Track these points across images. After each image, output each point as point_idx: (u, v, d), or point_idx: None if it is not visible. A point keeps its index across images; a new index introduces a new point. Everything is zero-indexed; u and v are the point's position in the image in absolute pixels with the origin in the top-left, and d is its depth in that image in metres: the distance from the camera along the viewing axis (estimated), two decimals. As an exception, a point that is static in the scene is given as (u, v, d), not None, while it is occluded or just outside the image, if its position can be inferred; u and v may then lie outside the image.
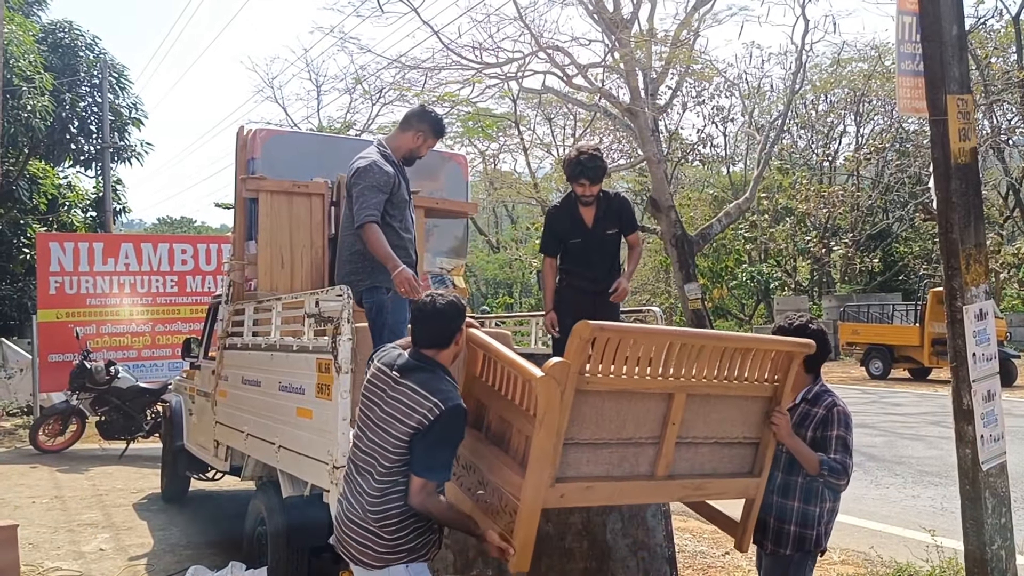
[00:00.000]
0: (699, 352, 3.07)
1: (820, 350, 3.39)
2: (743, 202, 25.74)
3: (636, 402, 3.02)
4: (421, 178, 6.42)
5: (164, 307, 12.04)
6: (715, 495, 3.37)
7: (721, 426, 3.27)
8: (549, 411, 2.79)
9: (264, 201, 5.36)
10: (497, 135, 31.26)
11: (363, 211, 4.09)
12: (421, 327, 2.96)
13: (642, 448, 3.09)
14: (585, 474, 2.99)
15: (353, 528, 2.90)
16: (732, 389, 3.22)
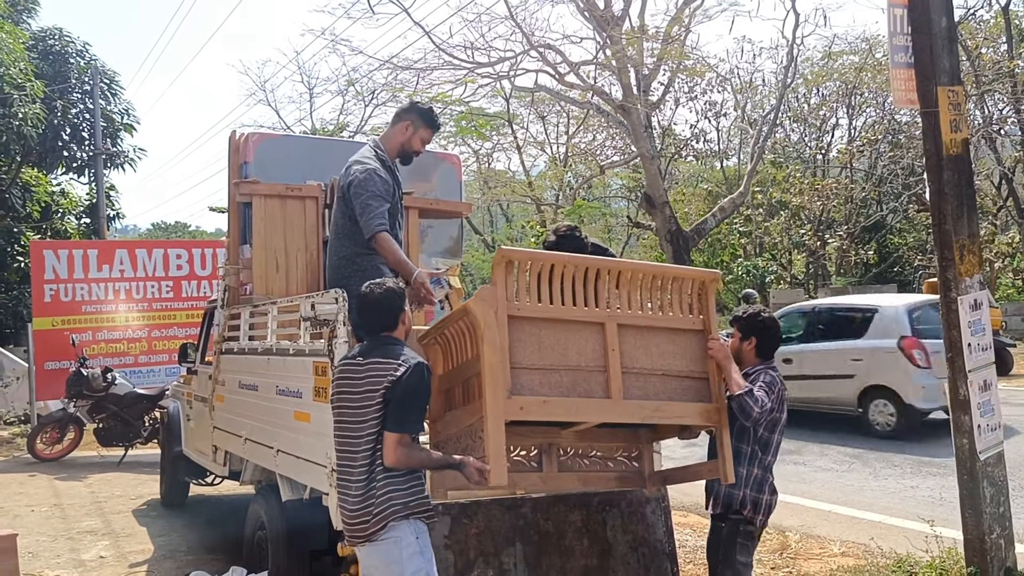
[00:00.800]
0: (617, 277, 3.49)
1: (770, 337, 3.75)
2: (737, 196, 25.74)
3: (572, 331, 3.41)
4: (415, 179, 6.41)
5: (160, 312, 12.01)
6: (675, 418, 3.61)
7: (664, 359, 3.57)
8: (487, 327, 3.20)
9: (258, 205, 5.35)
10: (490, 134, 31.24)
11: (373, 221, 4.09)
12: (369, 316, 3.18)
13: (592, 374, 3.43)
14: (541, 393, 3.31)
15: (353, 513, 3.08)
16: (659, 320, 3.58)
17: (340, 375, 3.20)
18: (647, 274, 3.60)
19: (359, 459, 3.09)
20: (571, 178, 34.21)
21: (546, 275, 3.38)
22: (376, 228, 4.09)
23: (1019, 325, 21.91)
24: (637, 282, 3.54)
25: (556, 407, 3.34)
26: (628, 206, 38.31)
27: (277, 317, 4.77)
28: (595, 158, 31.53)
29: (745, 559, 3.66)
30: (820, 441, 9.84)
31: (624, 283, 3.51)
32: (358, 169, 4.18)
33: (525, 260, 3.41)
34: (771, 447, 3.67)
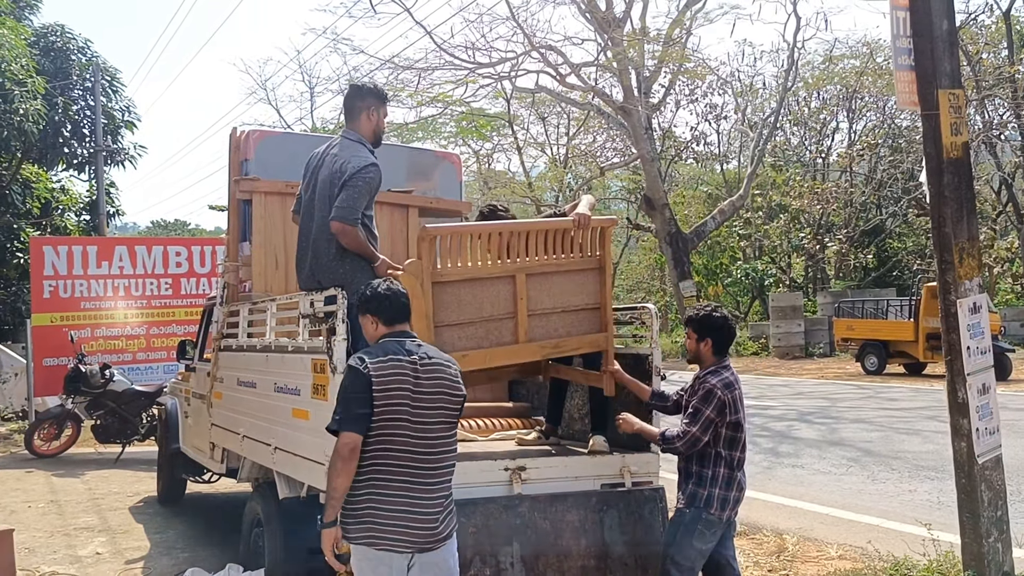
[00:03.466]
0: (526, 237, 4.08)
1: (725, 336, 3.84)
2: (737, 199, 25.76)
3: (487, 287, 4.05)
4: (415, 177, 6.41)
5: (159, 310, 12.00)
6: (572, 350, 4.39)
7: (563, 297, 4.24)
8: (414, 297, 3.64)
9: (258, 203, 5.35)
10: (491, 135, 31.24)
11: (353, 211, 4.04)
12: (400, 307, 3.24)
13: (502, 322, 4.08)
14: (461, 347, 3.96)
15: (439, 515, 3.12)
16: (563, 264, 4.22)
17: (412, 374, 3.08)
18: (550, 230, 4.22)
19: (446, 462, 3.14)
20: (571, 179, 34.20)
21: (466, 243, 4.01)
22: (354, 220, 4.04)
23: (1018, 330, 21.93)
24: (543, 237, 4.16)
25: (474, 359, 4.02)
26: (628, 208, 38.32)
27: (276, 314, 4.75)
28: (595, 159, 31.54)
29: (701, 546, 3.75)
30: (818, 444, 9.85)
31: (532, 240, 4.13)
32: (362, 157, 4.11)
33: (445, 234, 4.00)
34: (738, 443, 3.78)
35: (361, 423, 3.00)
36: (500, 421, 5.30)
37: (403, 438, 3.05)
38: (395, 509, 3.01)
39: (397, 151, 7.19)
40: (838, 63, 29.23)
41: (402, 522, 3.00)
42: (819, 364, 21.15)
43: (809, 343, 23.36)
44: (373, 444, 3.03)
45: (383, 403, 3.02)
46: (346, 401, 3.03)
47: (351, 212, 4.05)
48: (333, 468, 3.00)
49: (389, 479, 3.03)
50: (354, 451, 2.99)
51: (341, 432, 3.00)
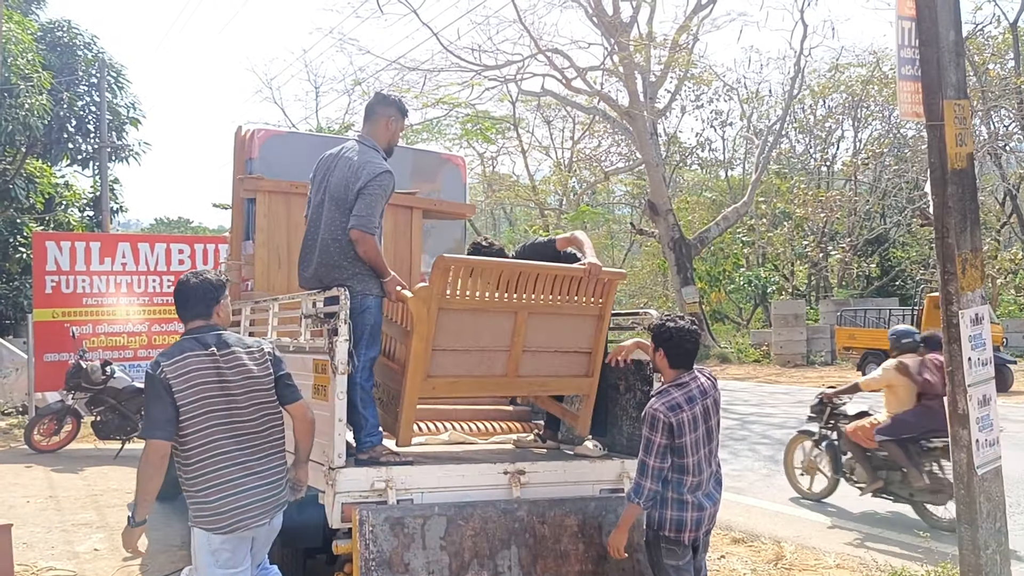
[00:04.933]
0: (535, 279, 4.18)
1: (678, 347, 3.65)
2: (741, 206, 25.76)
3: (489, 319, 4.16)
4: (419, 179, 6.43)
5: (161, 307, 12.02)
6: (557, 390, 4.59)
7: (559, 338, 4.37)
8: (419, 322, 3.93)
9: (261, 201, 5.37)
10: (496, 137, 31.28)
11: (372, 220, 4.08)
12: (194, 303, 3.39)
13: (496, 355, 4.22)
14: (452, 373, 4.12)
15: (277, 489, 3.44)
16: (565, 308, 4.34)
17: (213, 366, 3.27)
18: (560, 275, 4.30)
19: (271, 439, 3.38)
20: (575, 183, 34.24)
21: (478, 276, 4.10)
22: (373, 228, 4.10)
23: (1020, 342, 21.90)
24: (551, 280, 4.26)
25: (463, 386, 4.21)
26: (632, 213, 38.33)
27: (278, 314, 4.77)
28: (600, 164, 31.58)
29: (674, 562, 3.66)
30: (818, 453, 9.82)
31: (540, 281, 4.23)
32: (377, 164, 4.14)
33: (459, 265, 4.07)
34: (688, 467, 3.60)
35: (167, 428, 3.17)
36: (499, 424, 5.31)
37: (222, 426, 3.25)
38: (230, 494, 3.24)
39: (402, 152, 7.19)
40: (844, 71, 29.26)
41: (239, 504, 3.25)
42: (820, 372, 21.13)
43: (811, 351, 23.35)
44: (193, 439, 3.23)
45: (188, 401, 3.21)
46: (149, 407, 3.21)
47: (369, 221, 4.08)
48: (144, 473, 3.18)
49: (219, 467, 3.25)
50: (164, 457, 3.18)
51: (149, 440, 3.18)
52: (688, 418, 3.58)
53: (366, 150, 4.25)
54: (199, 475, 3.23)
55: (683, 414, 3.57)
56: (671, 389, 3.64)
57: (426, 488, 3.97)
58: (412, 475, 3.96)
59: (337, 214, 4.17)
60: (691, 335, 3.68)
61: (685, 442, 3.58)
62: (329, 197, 4.21)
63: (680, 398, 3.60)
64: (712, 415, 3.67)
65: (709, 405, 3.66)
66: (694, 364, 3.76)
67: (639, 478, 3.61)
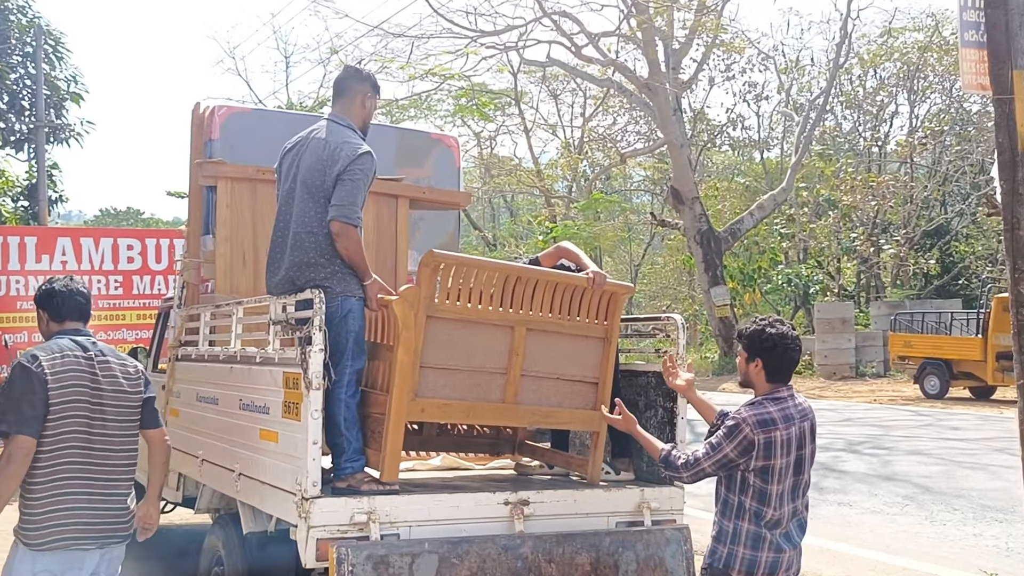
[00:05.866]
0: (534, 286, 4.19)
1: (779, 357, 3.60)
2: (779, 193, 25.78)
3: (483, 333, 4.15)
4: (405, 163, 6.43)
5: (107, 312, 12.02)
6: (562, 424, 4.62)
7: (562, 363, 4.37)
8: (405, 329, 3.92)
9: (223, 189, 5.36)
10: (494, 115, 31.32)
11: (355, 209, 4.10)
12: (74, 305, 3.65)
13: (492, 377, 4.21)
14: (443, 395, 4.09)
15: (122, 512, 3.65)
16: (566, 327, 4.35)
17: (89, 370, 3.51)
18: (568, 284, 4.32)
19: (126, 461, 3.62)
20: (587, 167, 34.27)
21: (469, 278, 4.08)
22: (357, 219, 4.11)
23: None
24: (551, 290, 4.26)
25: (455, 411, 4.21)
26: (652, 201, 38.34)
27: (242, 319, 4.77)
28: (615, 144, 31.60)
29: None
30: (868, 478, 9.84)
31: (539, 291, 4.23)
32: (360, 150, 4.15)
33: (451, 264, 4.07)
34: (770, 497, 3.52)
35: (35, 425, 3.36)
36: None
37: (81, 435, 3.46)
38: (62, 508, 3.42)
39: (385, 132, 7.19)
40: (898, 36, 29.28)
41: (67, 521, 3.42)
42: (871, 385, 21.13)
43: (860, 361, 23.36)
44: (50, 443, 3.40)
45: (60, 401, 3.41)
46: (16, 401, 3.38)
47: (352, 210, 4.08)
48: (5, 472, 3.34)
49: (63, 478, 3.43)
50: (28, 455, 3.35)
51: (14, 435, 3.35)
52: (781, 439, 3.52)
53: (341, 129, 4.25)
54: (41, 482, 3.41)
55: (775, 433, 3.51)
56: (766, 402, 3.58)
57: (414, 521, 3.95)
58: (398, 506, 3.94)
59: (311, 204, 4.16)
60: (796, 344, 3.65)
61: (773, 466, 3.51)
62: (301, 185, 4.20)
63: (776, 414, 3.54)
64: (806, 442, 3.60)
65: (805, 430, 3.59)
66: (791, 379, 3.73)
67: (683, 465, 3.62)
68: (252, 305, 4.68)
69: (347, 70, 4.55)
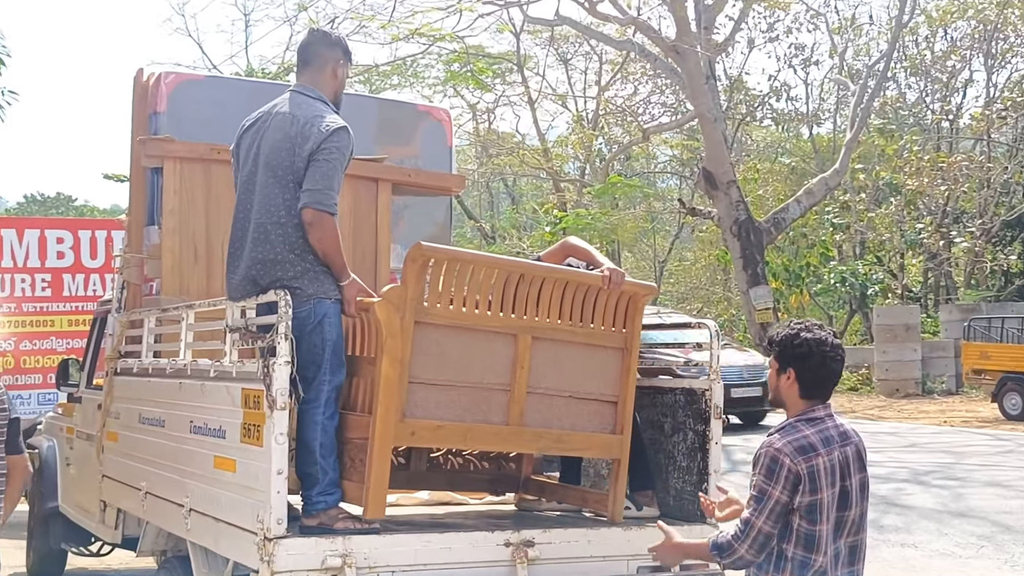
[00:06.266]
0: (540, 286, 4.23)
1: (815, 368, 3.54)
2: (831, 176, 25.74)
3: (481, 341, 4.19)
4: (388, 141, 6.43)
5: (32, 316, 12.02)
6: (576, 450, 4.65)
7: (575, 379, 4.41)
8: (390, 336, 3.91)
9: (171, 171, 5.37)
10: (493, 83, 31.31)
11: (331, 194, 4.12)
12: None
13: (493, 394, 4.22)
14: (436, 415, 4.10)
15: None
16: (579, 335, 4.39)
17: None
18: (572, 281, 4.37)
19: None
20: (602, 145, 34.25)
21: (464, 277, 4.12)
22: (333, 207, 4.14)
23: None
24: (560, 291, 4.31)
25: (450, 434, 4.20)
26: (680, 186, 38.32)
27: (194, 326, 4.78)
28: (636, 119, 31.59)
29: None
30: (937, 515, 9.82)
31: (546, 291, 4.28)
32: (335, 125, 4.17)
33: (442, 259, 4.09)
34: (818, 543, 3.46)
35: None
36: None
37: None
38: None
39: (363, 104, 7.21)
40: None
41: None
42: (941, 404, 21.11)
43: (928, 375, 23.33)
44: None
45: None
46: None
47: (328, 196, 4.11)
48: None
49: None
50: None
51: None
52: (824, 466, 3.45)
53: (311, 102, 4.28)
54: None
55: (817, 460, 3.44)
56: (800, 424, 3.52)
57: (399, 566, 3.96)
58: (379, 547, 3.94)
59: (277, 189, 4.18)
60: (837, 352, 3.57)
61: (821, 501, 3.44)
62: (264, 167, 4.22)
63: (813, 437, 3.48)
64: (853, 471, 3.52)
65: (850, 456, 3.52)
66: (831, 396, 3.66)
67: (735, 539, 3.49)
68: (205, 309, 4.69)
69: (313, 34, 4.60)
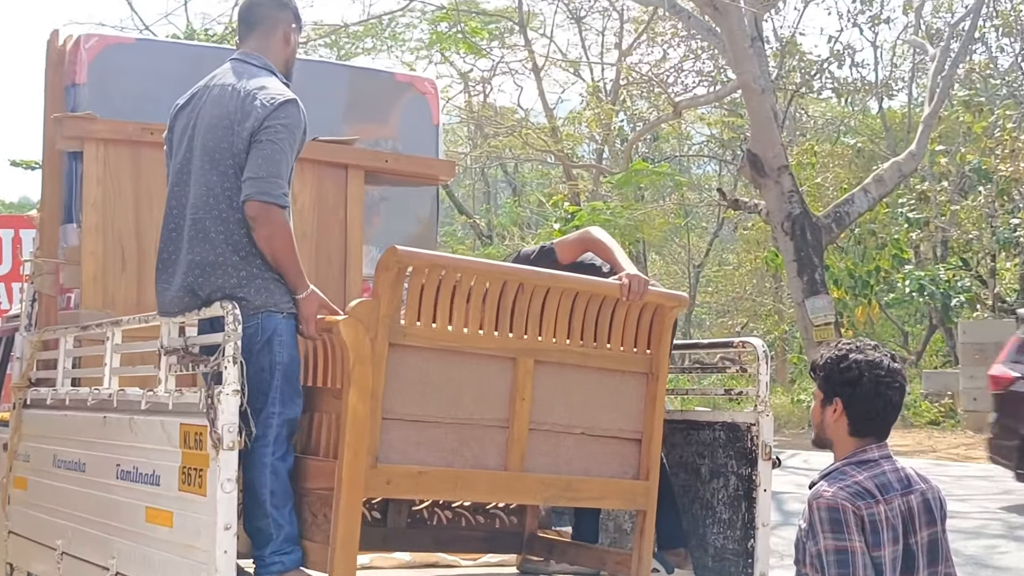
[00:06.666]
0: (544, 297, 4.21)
1: (865, 398, 3.53)
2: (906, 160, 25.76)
3: (472, 367, 4.18)
4: (360, 119, 6.45)
5: (-78, 336, 12.05)
6: (591, 500, 4.64)
7: (588, 411, 4.41)
8: (359, 362, 3.87)
9: (94, 157, 5.38)
10: (489, 47, 31.36)
11: (279, 183, 4.12)
12: None
13: (487, 432, 4.22)
14: (416, 458, 4.08)
15: None
16: (592, 358, 4.39)
17: None
18: (582, 293, 4.35)
19: None
20: (623, 122, 34.27)
21: (450, 287, 4.10)
22: (281, 198, 4.13)
23: None
24: (568, 302, 4.29)
25: (435, 482, 4.16)
26: (720, 172, 38.33)
27: (121, 347, 4.79)
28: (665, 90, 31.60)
29: None
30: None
31: (552, 304, 4.26)
32: (281, 98, 4.20)
33: (423, 266, 4.10)
34: None
35: None
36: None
37: None
38: None
39: (330, 73, 7.22)
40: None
41: None
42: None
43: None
44: None
45: None
46: None
47: (276, 185, 4.11)
48: None
49: None
50: None
51: None
52: (885, 517, 3.42)
53: (254, 71, 4.31)
54: None
55: (877, 508, 3.41)
56: (849, 469, 3.51)
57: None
58: (350, 622, 3.97)
59: (215, 178, 4.20)
60: (895, 378, 3.55)
61: (883, 559, 3.41)
62: (201, 151, 4.24)
63: (868, 482, 3.45)
64: (919, 525, 3.48)
65: (915, 506, 3.48)
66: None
67: None
68: (136, 326, 4.69)
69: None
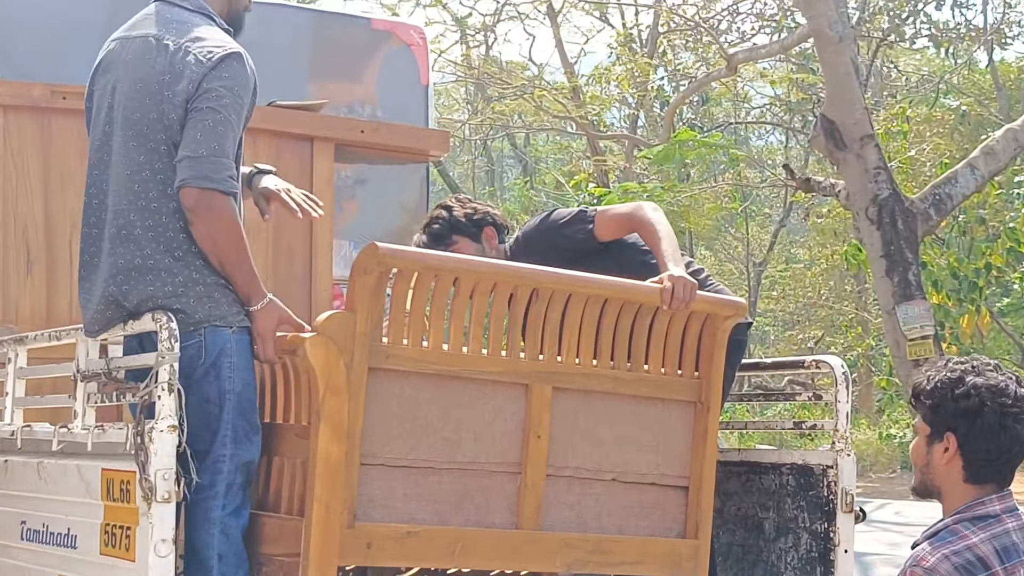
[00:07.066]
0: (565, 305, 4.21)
1: (984, 429, 3.54)
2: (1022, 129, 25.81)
3: (474, 397, 4.17)
4: (329, 76, 6.48)
5: None
6: (626, 565, 4.49)
7: (621, 452, 4.42)
8: (331, 392, 3.85)
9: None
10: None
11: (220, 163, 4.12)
12: None
13: (494, 480, 4.22)
14: (404, 517, 4.05)
15: None
16: (625, 383, 4.40)
17: None
18: (612, 300, 4.34)
19: None
20: (664, 81, 34.34)
21: (443, 294, 4.13)
22: (226, 184, 4.13)
23: None
24: (595, 311, 4.29)
25: (428, 545, 4.12)
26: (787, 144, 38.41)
27: (27, 372, 4.82)
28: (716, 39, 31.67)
29: None
30: None
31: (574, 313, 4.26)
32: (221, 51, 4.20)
33: (412, 268, 4.08)
34: None
35: None
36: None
37: None
38: None
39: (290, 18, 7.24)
40: None
41: None
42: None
43: None
44: None
45: None
46: None
47: (217, 165, 4.11)
48: None
49: None
50: None
51: None
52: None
53: (187, 16, 4.33)
54: None
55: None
56: (962, 528, 3.56)
57: None
58: None
59: (142, 157, 4.22)
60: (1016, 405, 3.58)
61: None
62: (124, 123, 4.27)
63: (984, 547, 3.50)
64: None
65: None
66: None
67: None
68: (44, 344, 4.72)
69: None
